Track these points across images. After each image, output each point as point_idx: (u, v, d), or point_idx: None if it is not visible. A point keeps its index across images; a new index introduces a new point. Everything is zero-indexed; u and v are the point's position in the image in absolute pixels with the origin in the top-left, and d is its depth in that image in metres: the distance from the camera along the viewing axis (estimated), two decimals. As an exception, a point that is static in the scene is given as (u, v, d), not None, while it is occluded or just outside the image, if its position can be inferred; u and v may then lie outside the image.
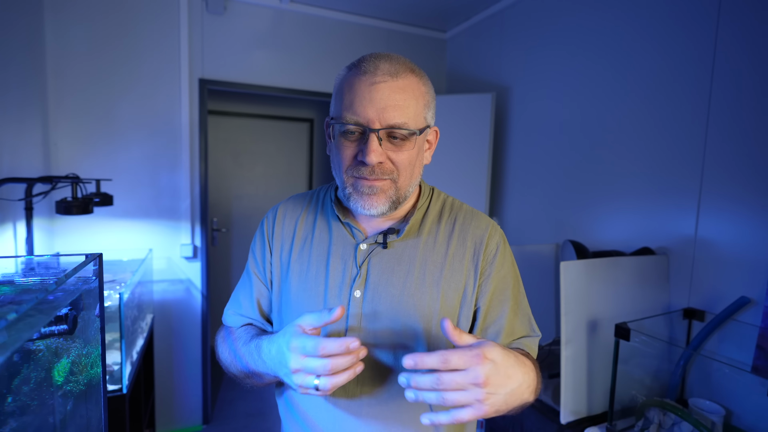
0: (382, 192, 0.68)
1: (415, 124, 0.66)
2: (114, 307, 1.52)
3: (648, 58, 1.65)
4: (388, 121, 0.64)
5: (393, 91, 0.64)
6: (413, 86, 0.66)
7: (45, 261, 0.75)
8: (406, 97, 0.65)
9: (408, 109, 0.65)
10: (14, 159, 1.64)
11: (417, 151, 0.69)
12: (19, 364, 0.51)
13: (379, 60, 0.66)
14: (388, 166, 0.67)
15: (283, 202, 0.85)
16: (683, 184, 1.52)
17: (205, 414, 2.59)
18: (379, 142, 0.65)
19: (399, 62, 0.67)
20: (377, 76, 0.64)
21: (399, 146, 0.66)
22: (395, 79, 0.64)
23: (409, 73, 0.66)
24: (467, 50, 2.80)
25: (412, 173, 0.70)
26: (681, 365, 1.40)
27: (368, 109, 0.64)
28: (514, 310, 0.75)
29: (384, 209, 0.69)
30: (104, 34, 2.17)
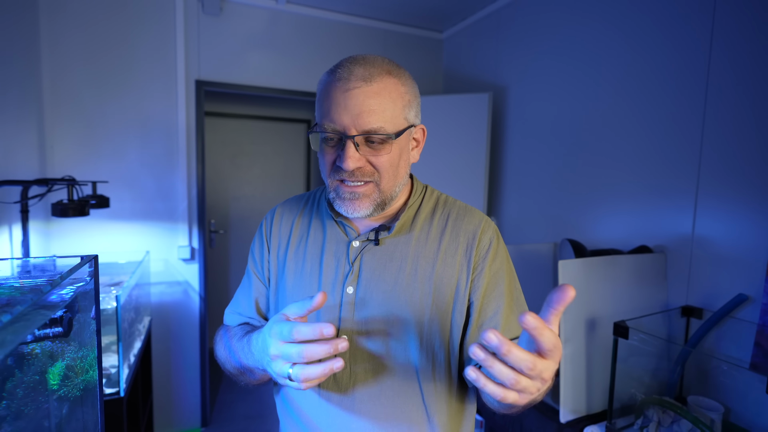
0: (364, 196, 0.69)
1: (393, 127, 0.66)
2: (111, 310, 1.51)
3: (644, 57, 1.65)
4: (363, 127, 0.64)
5: (367, 96, 0.64)
6: (389, 88, 0.66)
7: (41, 263, 0.75)
8: (381, 101, 0.65)
9: (384, 113, 0.65)
10: (9, 161, 1.63)
11: (398, 153, 0.70)
12: (14, 368, 0.50)
13: (354, 65, 0.66)
14: (368, 169, 0.68)
15: (281, 203, 0.87)
16: (680, 183, 1.53)
17: (203, 416, 2.58)
18: (356, 147, 0.65)
19: (375, 65, 0.66)
20: (351, 82, 0.64)
21: (377, 150, 0.67)
22: (369, 84, 0.64)
23: (385, 76, 0.66)
24: (464, 50, 2.80)
25: (396, 174, 0.71)
26: (679, 363, 1.40)
27: (343, 116, 0.64)
28: (509, 305, 0.74)
29: (368, 212, 0.70)
30: (100, 36, 2.16)
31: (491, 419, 1.66)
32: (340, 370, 0.55)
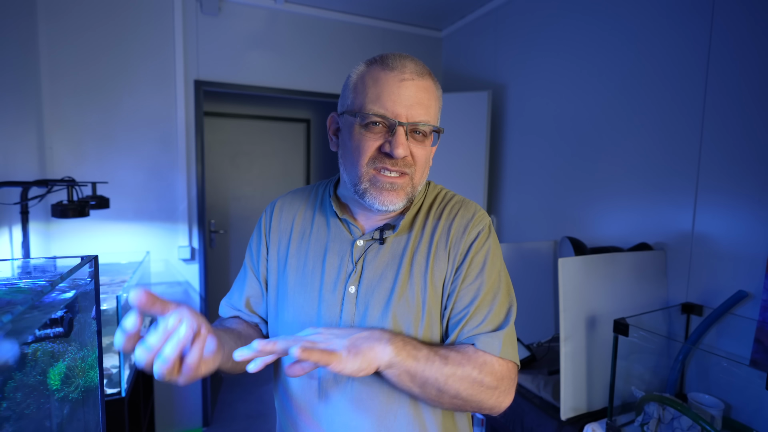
0: (401, 188, 0.69)
1: (435, 122, 0.71)
2: (112, 310, 1.51)
3: (643, 54, 1.65)
4: (415, 118, 0.67)
5: (419, 89, 0.67)
6: (433, 89, 0.70)
7: (41, 264, 0.75)
8: (429, 96, 0.69)
9: (430, 109, 0.69)
10: (9, 162, 1.63)
11: (429, 151, 0.73)
12: (14, 368, 0.50)
13: (405, 59, 0.69)
14: (409, 160, 0.69)
15: (281, 197, 0.86)
16: (680, 180, 1.53)
17: (205, 416, 2.58)
18: (406, 136, 0.67)
19: (422, 65, 0.70)
20: (405, 73, 0.67)
21: (420, 142, 0.69)
22: (421, 78, 0.68)
23: (429, 77, 0.70)
24: (463, 48, 2.80)
25: (424, 171, 0.73)
26: (680, 360, 1.40)
27: (397, 104, 0.66)
28: (485, 299, 0.70)
29: (401, 205, 0.70)
30: (98, 38, 2.16)
31: (492, 417, 1.66)
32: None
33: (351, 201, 0.78)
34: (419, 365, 0.62)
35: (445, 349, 0.66)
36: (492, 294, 0.72)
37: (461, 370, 0.64)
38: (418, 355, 0.62)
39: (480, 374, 0.64)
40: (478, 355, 0.66)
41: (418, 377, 0.62)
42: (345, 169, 0.73)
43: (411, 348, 0.63)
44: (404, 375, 0.62)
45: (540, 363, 1.68)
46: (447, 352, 0.65)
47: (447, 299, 0.72)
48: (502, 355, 0.67)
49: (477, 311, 0.70)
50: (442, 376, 0.63)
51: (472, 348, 0.67)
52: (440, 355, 0.64)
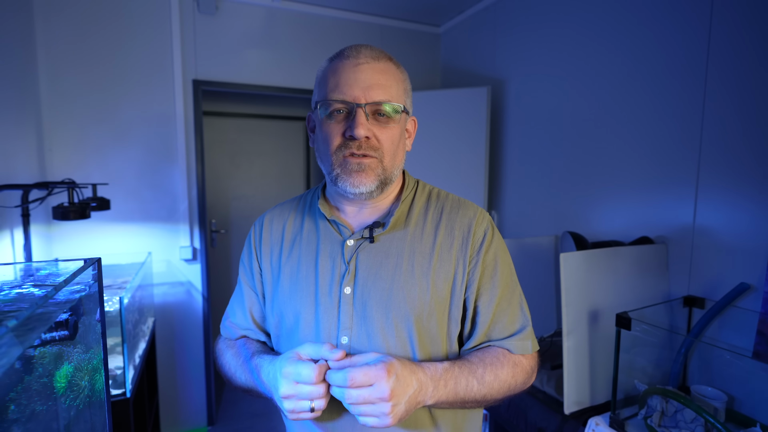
0: (370, 169, 0.69)
1: (397, 101, 0.70)
2: (115, 312, 1.51)
3: (643, 48, 1.65)
4: (373, 98, 0.67)
5: (376, 71, 0.69)
6: (393, 71, 0.71)
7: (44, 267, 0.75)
8: (388, 77, 0.70)
9: (391, 89, 0.69)
10: (9, 165, 1.63)
11: (399, 133, 0.72)
12: (21, 371, 0.50)
13: (361, 47, 0.71)
14: (374, 142, 0.69)
15: (269, 210, 0.87)
16: (681, 173, 1.53)
17: (209, 415, 2.59)
18: (366, 117, 0.68)
19: (379, 50, 0.72)
20: (360, 58, 0.69)
21: (384, 123, 0.70)
22: (377, 61, 0.70)
23: (389, 60, 0.72)
24: (461, 44, 2.79)
25: (396, 154, 0.72)
26: (682, 353, 1.40)
27: (354, 88, 0.67)
28: (503, 296, 0.74)
29: (372, 187, 0.70)
30: (95, 39, 2.15)
31: (496, 412, 1.67)
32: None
33: (336, 197, 0.78)
34: (458, 396, 0.66)
35: (482, 367, 0.69)
36: (509, 291, 0.75)
37: (497, 384, 0.69)
38: (457, 390, 0.66)
39: (513, 378, 0.71)
40: (509, 359, 0.72)
41: (457, 403, 0.68)
42: (320, 160, 0.75)
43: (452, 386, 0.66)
44: (444, 404, 0.67)
45: (543, 358, 1.68)
46: (483, 370, 0.69)
47: (465, 302, 0.73)
48: (534, 350, 0.76)
49: (500, 312, 0.73)
50: (480, 395, 0.68)
51: (502, 352, 0.72)
52: (478, 378, 0.68)
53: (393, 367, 0.59)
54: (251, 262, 0.83)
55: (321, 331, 0.71)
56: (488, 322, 0.73)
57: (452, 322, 0.72)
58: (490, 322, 0.73)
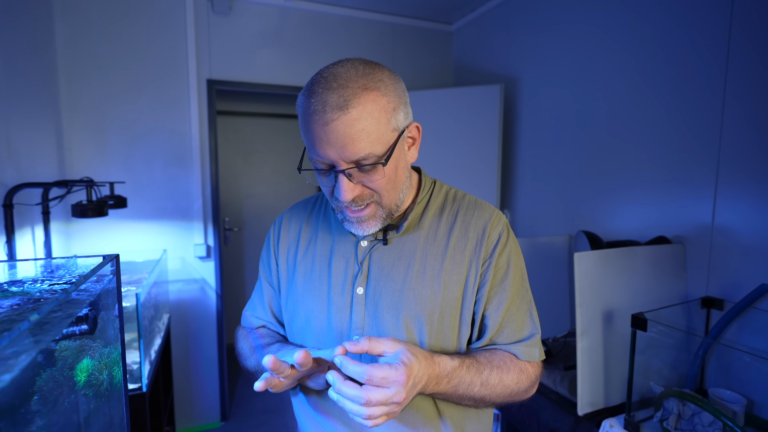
0: (370, 217, 0.69)
1: (382, 147, 0.63)
2: (131, 308, 1.54)
3: (661, 44, 1.62)
4: (350, 158, 0.61)
5: (347, 125, 0.60)
6: (369, 108, 0.60)
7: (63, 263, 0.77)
8: (362, 126, 0.60)
9: (369, 137, 0.61)
10: (30, 165, 1.67)
11: (394, 167, 0.67)
12: (44, 364, 0.52)
13: (327, 92, 0.60)
14: (366, 193, 0.66)
15: (288, 209, 0.88)
16: (699, 171, 1.49)
17: (223, 411, 2.63)
18: (349, 177, 0.64)
19: (348, 86, 0.60)
20: (327, 114, 0.60)
21: (371, 173, 0.64)
22: (347, 111, 0.59)
23: (362, 94, 0.60)
24: (474, 42, 2.77)
25: (396, 186, 0.69)
26: (700, 355, 1.38)
27: (328, 151, 0.61)
28: (513, 301, 0.73)
29: (377, 228, 0.70)
30: (113, 40, 2.19)
31: (508, 412, 1.66)
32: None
33: None
34: (456, 393, 0.66)
35: (488, 369, 0.68)
36: (520, 297, 0.74)
37: (500, 388, 0.69)
38: (458, 388, 0.65)
39: (518, 384, 0.70)
40: (516, 364, 0.71)
41: (455, 398, 0.67)
42: None
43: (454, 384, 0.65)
44: (442, 397, 0.67)
45: (556, 358, 1.66)
46: (489, 372, 0.68)
47: (476, 305, 0.73)
48: (540, 359, 0.75)
49: (509, 317, 0.73)
50: (479, 396, 0.67)
51: (509, 357, 0.72)
52: (482, 379, 0.67)
53: (412, 371, 0.57)
54: (269, 259, 0.85)
55: (333, 330, 0.72)
56: (496, 326, 0.72)
57: (463, 324, 0.72)
58: (498, 327, 0.73)
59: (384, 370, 0.55)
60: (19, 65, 1.59)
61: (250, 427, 2.59)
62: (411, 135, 0.70)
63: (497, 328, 0.73)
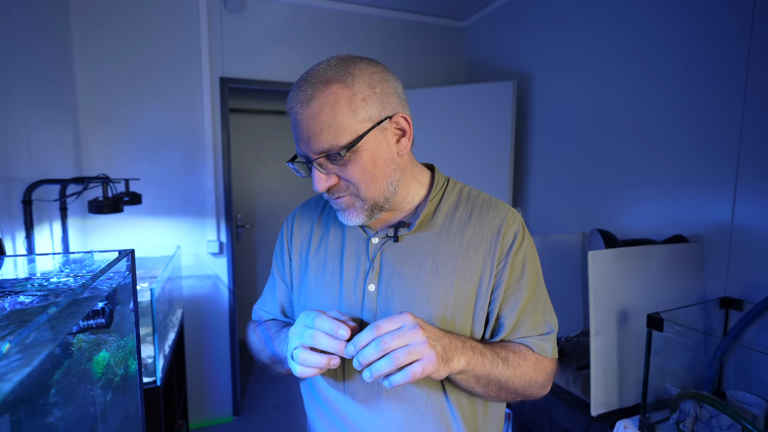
0: (350, 206, 0.69)
1: (346, 138, 0.63)
2: (146, 303, 1.57)
3: (679, 37, 1.58)
4: (316, 150, 0.64)
5: (309, 119, 0.63)
6: (330, 101, 0.62)
7: (80, 258, 0.78)
8: (323, 119, 0.62)
9: (329, 130, 0.62)
10: (48, 161, 1.70)
11: (370, 157, 0.65)
12: (61, 356, 0.53)
13: (297, 91, 0.64)
14: (342, 184, 0.68)
15: (300, 206, 0.89)
16: (718, 169, 1.46)
17: (234, 406, 2.66)
18: (321, 169, 0.66)
19: (313, 81, 0.63)
20: (294, 109, 0.64)
21: (341, 164, 0.65)
22: (308, 105, 0.62)
23: (323, 88, 0.62)
24: (486, 38, 2.75)
25: (375, 179, 0.67)
26: (718, 356, 1.35)
27: (300, 144, 0.65)
28: (529, 301, 0.72)
29: (362, 220, 0.70)
30: (127, 39, 2.22)
31: (520, 411, 1.65)
32: (334, 367, 0.62)
33: None
34: (485, 370, 0.65)
35: (505, 350, 0.69)
36: (535, 297, 0.74)
37: (520, 371, 0.68)
38: (484, 362, 0.65)
39: (534, 373, 0.70)
40: (532, 354, 0.71)
41: (482, 380, 0.66)
42: None
43: (479, 355, 0.65)
44: (471, 379, 0.66)
45: (569, 358, 1.65)
46: (507, 353, 0.69)
47: (491, 305, 0.72)
48: (552, 356, 0.74)
49: (524, 317, 0.72)
50: (504, 378, 0.67)
51: (524, 347, 0.72)
52: (501, 358, 0.67)
53: (416, 317, 0.60)
54: (283, 254, 0.86)
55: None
56: (511, 326, 0.72)
57: (476, 324, 0.71)
58: (513, 327, 0.72)
59: (386, 318, 0.59)
60: (37, 65, 1.62)
61: (262, 422, 2.62)
62: (399, 126, 0.68)
63: (512, 328, 0.72)
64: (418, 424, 0.70)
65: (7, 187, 1.34)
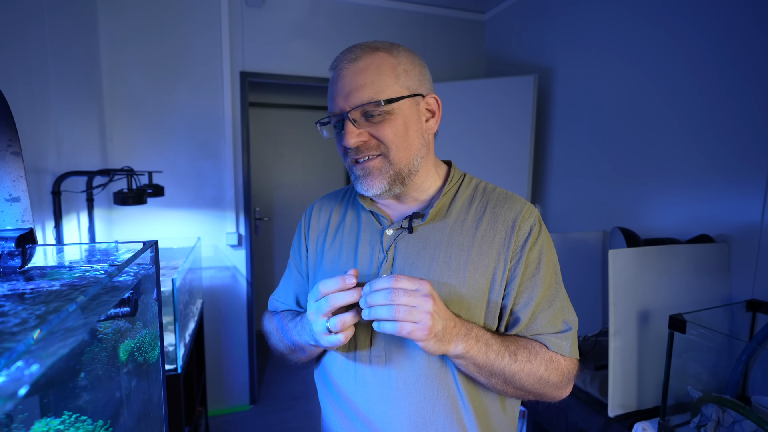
0: (375, 170, 0.70)
1: (386, 95, 0.67)
2: (168, 292, 1.61)
3: (710, 29, 1.52)
4: (354, 103, 0.66)
5: (354, 74, 0.67)
6: (376, 62, 0.68)
7: (106, 248, 0.80)
8: (367, 74, 0.67)
9: (373, 85, 0.66)
10: (75, 154, 1.76)
11: (403, 122, 0.69)
12: (90, 343, 0.55)
13: (346, 51, 0.70)
14: (373, 143, 0.69)
15: (319, 199, 0.91)
16: (748, 167, 1.41)
17: (252, 395, 2.71)
18: (354, 123, 0.67)
19: (363, 46, 0.69)
20: (339, 67, 0.69)
21: (377, 122, 0.68)
22: (355, 63, 0.68)
23: (372, 52, 0.68)
24: (507, 31, 2.70)
25: (406, 144, 0.70)
26: (743, 360, 1.31)
27: (338, 99, 0.68)
28: (544, 296, 0.71)
29: (383, 187, 0.70)
30: (151, 36, 2.26)
31: (534, 410, 1.64)
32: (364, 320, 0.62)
33: None
34: (488, 360, 0.65)
35: (515, 345, 0.68)
36: (551, 292, 0.72)
37: (528, 367, 0.67)
38: (488, 352, 0.65)
39: (546, 371, 0.68)
40: (545, 351, 0.69)
41: (485, 370, 0.66)
42: None
43: (483, 345, 0.65)
44: (471, 366, 0.66)
45: (586, 357, 1.62)
46: (516, 348, 0.68)
47: (504, 299, 0.71)
48: (571, 355, 0.71)
49: (539, 313, 0.71)
50: (509, 372, 0.66)
51: (538, 344, 0.70)
52: (510, 352, 0.67)
53: (434, 291, 0.61)
54: (300, 246, 0.88)
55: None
56: (525, 321, 0.71)
57: (489, 317, 0.71)
58: (527, 322, 0.71)
59: (406, 275, 0.60)
60: (67, 64, 1.67)
61: (278, 411, 2.67)
62: (429, 107, 0.73)
63: (527, 324, 0.71)
64: (429, 415, 0.70)
65: (37, 179, 1.39)
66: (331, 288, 0.63)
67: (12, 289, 0.47)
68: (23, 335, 0.32)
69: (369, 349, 0.73)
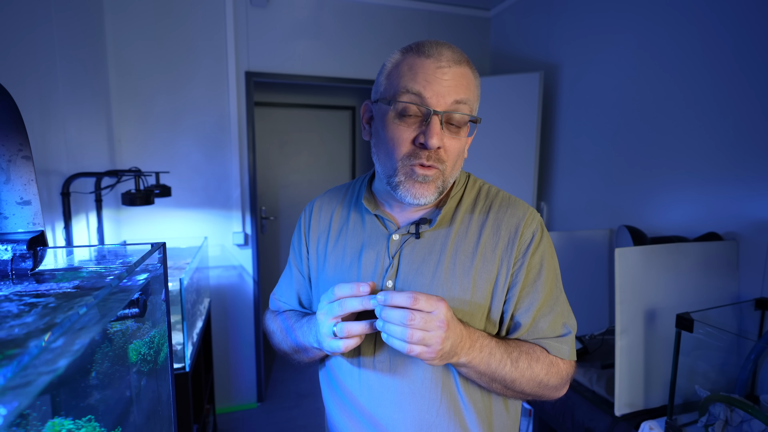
0: (433, 182, 0.67)
1: (474, 113, 0.68)
2: (175, 292, 1.63)
3: (715, 22, 1.50)
4: (450, 107, 0.64)
5: (456, 77, 0.64)
6: (471, 77, 0.67)
7: (114, 249, 0.81)
8: (467, 83, 0.66)
9: (468, 96, 0.66)
10: (84, 155, 1.78)
11: (464, 143, 0.70)
12: (100, 343, 0.56)
13: (442, 46, 0.66)
14: (442, 153, 0.66)
15: (319, 196, 0.88)
16: (757, 164, 1.39)
17: (259, 393, 2.74)
18: (441, 126, 0.64)
19: (459, 52, 0.67)
20: (442, 61, 0.64)
21: (455, 133, 0.67)
22: (459, 66, 0.65)
23: (467, 65, 0.67)
24: (513, 28, 2.69)
25: (456, 163, 0.70)
26: (752, 359, 1.30)
27: (432, 92, 0.63)
28: (545, 302, 0.71)
29: (432, 199, 0.68)
30: (157, 37, 2.28)
31: (541, 409, 1.63)
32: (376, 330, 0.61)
33: (385, 195, 0.76)
34: (489, 368, 0.66)
35: (517, 351, 0.68)
36: (552, 297, 0.73)
37: (529, 373, 0.68)
38: (490, 361, 0.65)
39: (546, 375, 0.69)
40: (546, 356, 0.70)
41: (485, 376, 0.67)
42: (379, 159, 0.72)
43: (486, 354, 0.65)
44: (473, 373, 0.66)
45: (593, 356, 1.62)
46: (519, 354, 0.68)
47: (505, 304, 0.72)
48: (570, 358, 0.73)
49: (540, 318, 0.71)
50: (510, 378, 0.67)
51: (539, 348, 0.71)
52: (512, 359, 0.67)
53: (450, 312, 0.60)
54: (300, 245, 0.86)
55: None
56: (526, 326, 0.71)
57: (491, 324, 0.71)
58: (528, 328, 0.71)
59: (426, 294, 0.58)
60: (75, 66, 1.69)
61: (285, 409, 2.69)
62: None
63: (527, 329, 0.71)
64: (433, 419, 0.71)
65: (47, 180, 1.41)
66: (347, 293, 0.62)
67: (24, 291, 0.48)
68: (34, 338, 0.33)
69: (373, 356, 0.73)
